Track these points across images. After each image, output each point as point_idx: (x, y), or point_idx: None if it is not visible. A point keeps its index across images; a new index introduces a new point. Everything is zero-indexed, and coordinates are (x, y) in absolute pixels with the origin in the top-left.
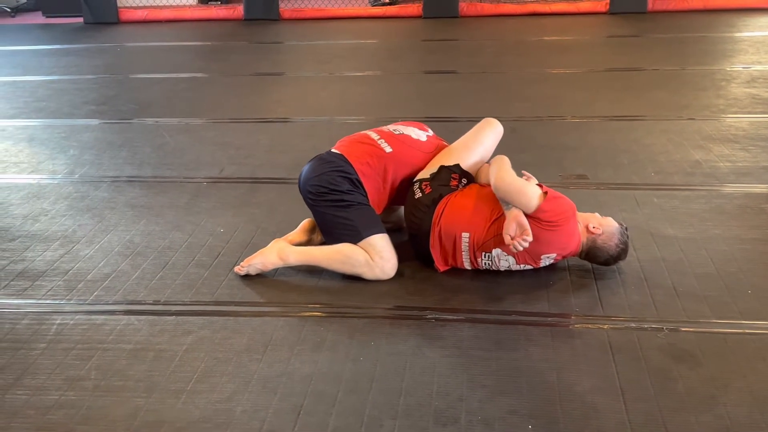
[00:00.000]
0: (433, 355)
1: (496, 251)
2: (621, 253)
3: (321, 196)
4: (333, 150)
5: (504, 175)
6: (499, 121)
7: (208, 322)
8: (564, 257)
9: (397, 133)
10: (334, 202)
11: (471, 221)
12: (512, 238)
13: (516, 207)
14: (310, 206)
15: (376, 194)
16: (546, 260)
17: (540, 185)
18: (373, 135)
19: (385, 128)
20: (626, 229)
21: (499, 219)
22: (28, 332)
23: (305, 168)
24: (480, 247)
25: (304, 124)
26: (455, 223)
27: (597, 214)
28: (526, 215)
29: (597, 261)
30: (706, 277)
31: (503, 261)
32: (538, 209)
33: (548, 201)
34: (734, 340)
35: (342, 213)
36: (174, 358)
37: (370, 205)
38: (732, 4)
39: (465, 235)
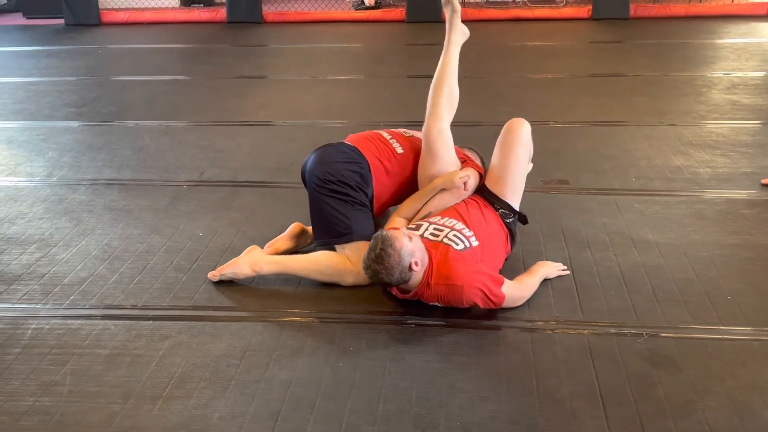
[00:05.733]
0: (413, 360)
1: None
2: (373, 276)
3: (327, 185)
4: (345, 142)
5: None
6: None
7: (185, 327)
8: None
9: (407, 135)
10: (339, 195)
11: None
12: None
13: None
14: (312, 192)
15: (382, 190)
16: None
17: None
18: (385, 135)
19: (394, 129)
20: (381, 245)
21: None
22: (3, 337)
23: (314, 154)
24: None
25: (286, 127)
26: None
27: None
28: None
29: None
30: (686, 283)
31: None
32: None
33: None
34: (714, 346)
35: (341, 207)
36: (151, 363)
37: (369, 211)
38: (713, 11)
39: None
